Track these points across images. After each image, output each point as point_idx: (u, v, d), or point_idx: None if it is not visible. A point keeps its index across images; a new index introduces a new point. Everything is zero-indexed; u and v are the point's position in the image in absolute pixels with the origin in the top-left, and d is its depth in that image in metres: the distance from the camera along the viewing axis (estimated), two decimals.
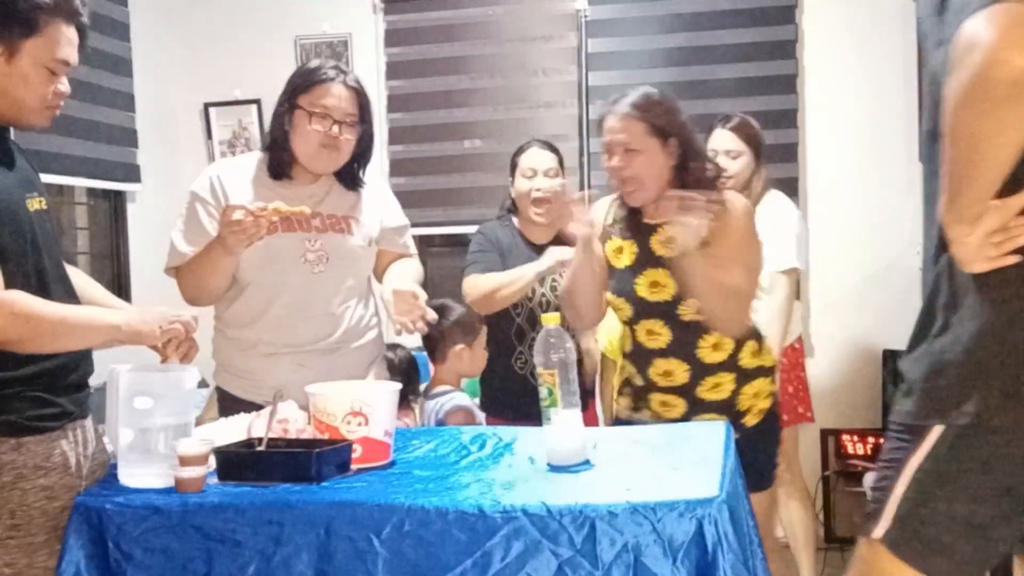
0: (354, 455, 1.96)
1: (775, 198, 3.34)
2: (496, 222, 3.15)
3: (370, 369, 2.51)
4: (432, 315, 2.35)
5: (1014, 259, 1.46)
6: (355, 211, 2.50)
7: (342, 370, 2.36)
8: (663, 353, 2.42)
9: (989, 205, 1.43)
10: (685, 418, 2.42)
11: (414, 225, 4.43)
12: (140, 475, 1.91)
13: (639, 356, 2.46)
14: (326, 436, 1.99)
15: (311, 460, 1.86)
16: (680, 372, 2.42)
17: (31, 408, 1.89)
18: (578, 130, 4.49)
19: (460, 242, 4.88)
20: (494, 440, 2.20)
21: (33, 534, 1.87)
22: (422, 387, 3.24)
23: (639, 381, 2.48)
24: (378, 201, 2.59)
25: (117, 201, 4.43)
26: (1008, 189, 1.44)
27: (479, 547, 1.66)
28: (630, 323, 2.46)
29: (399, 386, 2.12)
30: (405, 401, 3.19)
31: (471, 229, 3.24)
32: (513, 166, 3.12)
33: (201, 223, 2.41)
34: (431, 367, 3.10)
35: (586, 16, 4.47)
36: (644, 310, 2.42)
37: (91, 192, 4.32)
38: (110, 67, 4.22)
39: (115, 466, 1.97)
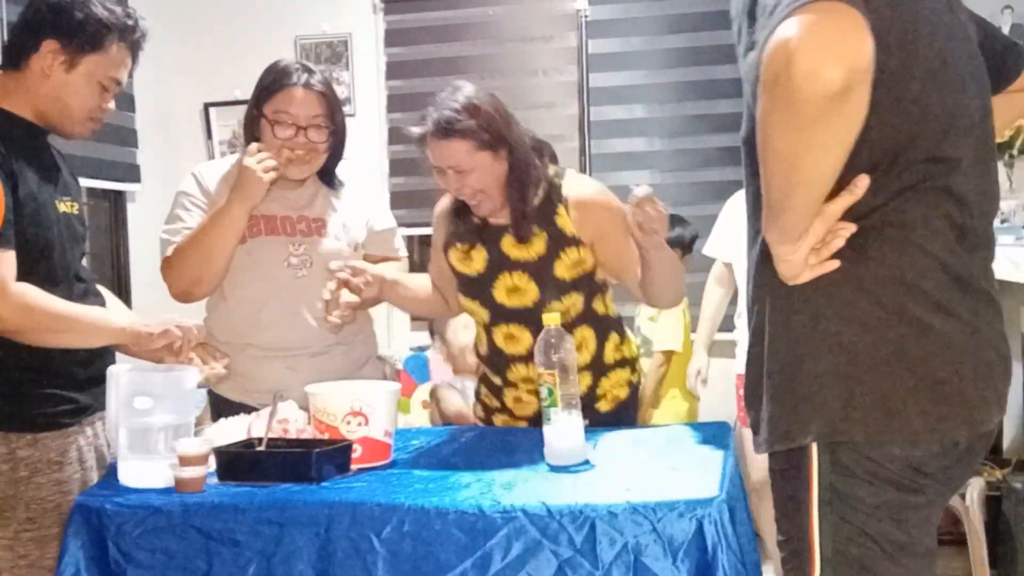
0: (354, 455, 1.96)
1: None
2: None
3: (362, 371, 2.49)
4: (352, 299, 2.28)
5: (834, 264, 1.37)
6: (341, 215, 2.47)
7: (333, 372, 2.33)
8: (523, 359, 2.27)
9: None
10: (537, 415, 2.19)
11: (414, 225, 4.41)
12: (140, 475, 1.91)
13: (497, 360, 2.32)
14: (326, 436, 1.99)
15: (311, 460, 1.86)
16: None
17: (48, 404, 1.93)
18: (578, 130, 4.49)
19: None
20: (494, 440, 2.19)
21: (47, 527, 1.91)
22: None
23: (497, 380, 2.36)
24: (366, 204, 2.55)
25: (117, 201, 4.43)
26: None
27: (479, 547, 1.66)
28: (487, 327, 2.33)
29: (399, 386, 2.12)
30: None
31: None
32: None
33: (191, 213, 2.38)
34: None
35: (586, 16, 4.47)
36: (502, 315, 2.28)
37: (91, 192, 4.31)
38: None
39: (115, 466, 1.97)
